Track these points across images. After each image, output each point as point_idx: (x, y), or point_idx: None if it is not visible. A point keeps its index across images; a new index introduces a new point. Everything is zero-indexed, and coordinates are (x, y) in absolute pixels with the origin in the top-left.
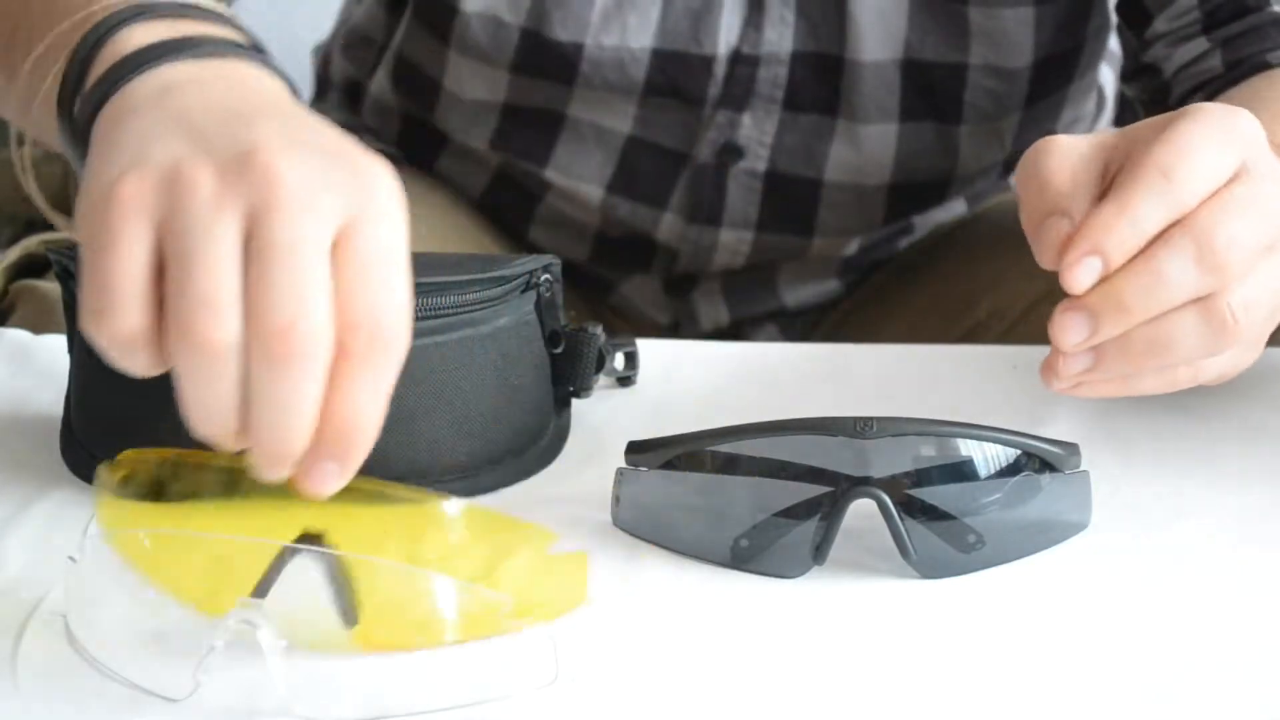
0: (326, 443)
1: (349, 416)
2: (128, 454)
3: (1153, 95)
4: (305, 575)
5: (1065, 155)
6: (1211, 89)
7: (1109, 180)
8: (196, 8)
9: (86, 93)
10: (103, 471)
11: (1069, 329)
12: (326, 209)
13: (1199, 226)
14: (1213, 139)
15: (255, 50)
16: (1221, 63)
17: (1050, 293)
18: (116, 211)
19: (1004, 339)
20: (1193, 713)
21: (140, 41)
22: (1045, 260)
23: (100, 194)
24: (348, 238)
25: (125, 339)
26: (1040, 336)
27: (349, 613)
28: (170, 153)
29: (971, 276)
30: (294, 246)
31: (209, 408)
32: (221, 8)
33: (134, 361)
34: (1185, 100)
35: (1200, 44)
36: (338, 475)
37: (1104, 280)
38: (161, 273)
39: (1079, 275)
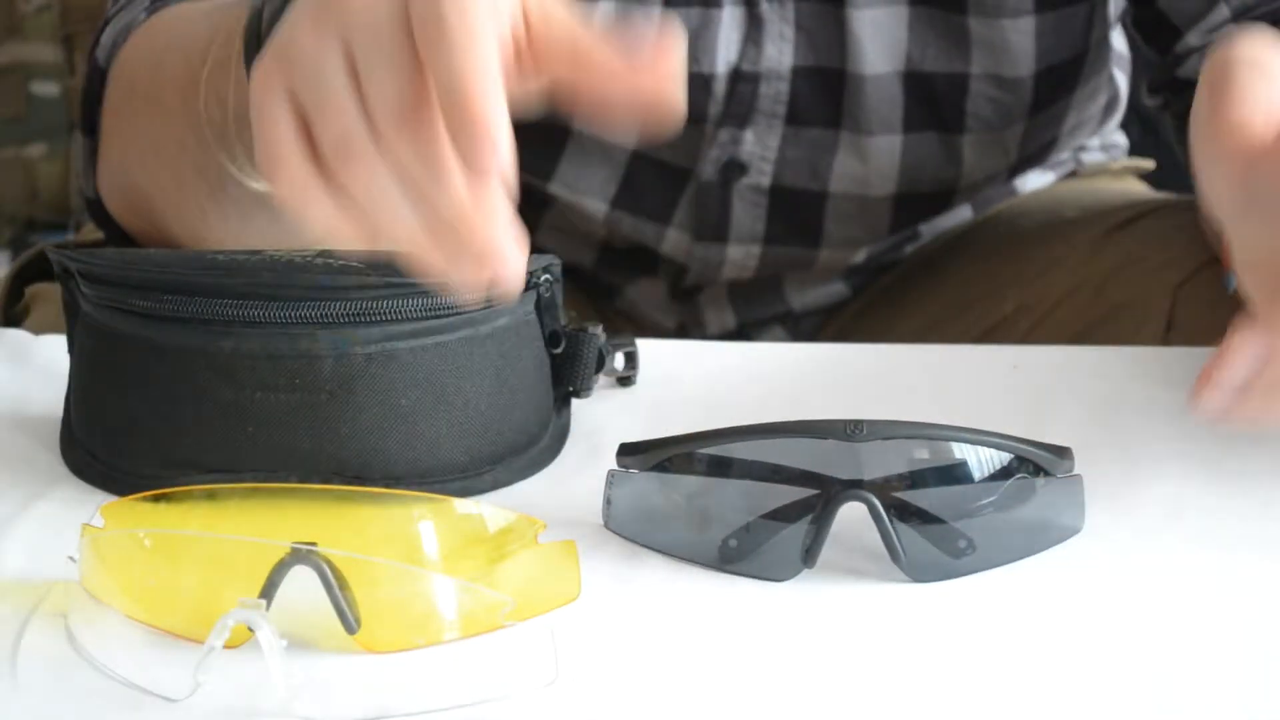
0: (450, 124)
1: (452, 95)
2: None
3: (1187, 109)
4: (305, 580)
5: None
6: None
7: None
8: None
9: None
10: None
11: (1239, 358)
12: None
13: None
14: None
15: None
16: None
17: (1079, 286)
18: (256, 89)
19: (1033, 333)
20: (1188, 717)
21: None
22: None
23: (249, 85)
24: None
25: (299, 186)
26: (1069, 330)
27: (350, 616)
28: (286, 29)
29: (990, 275)
30: (379, 49)
31: (397, 217)
32: None
33: (316, 209)
34: None
35: None
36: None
37: None
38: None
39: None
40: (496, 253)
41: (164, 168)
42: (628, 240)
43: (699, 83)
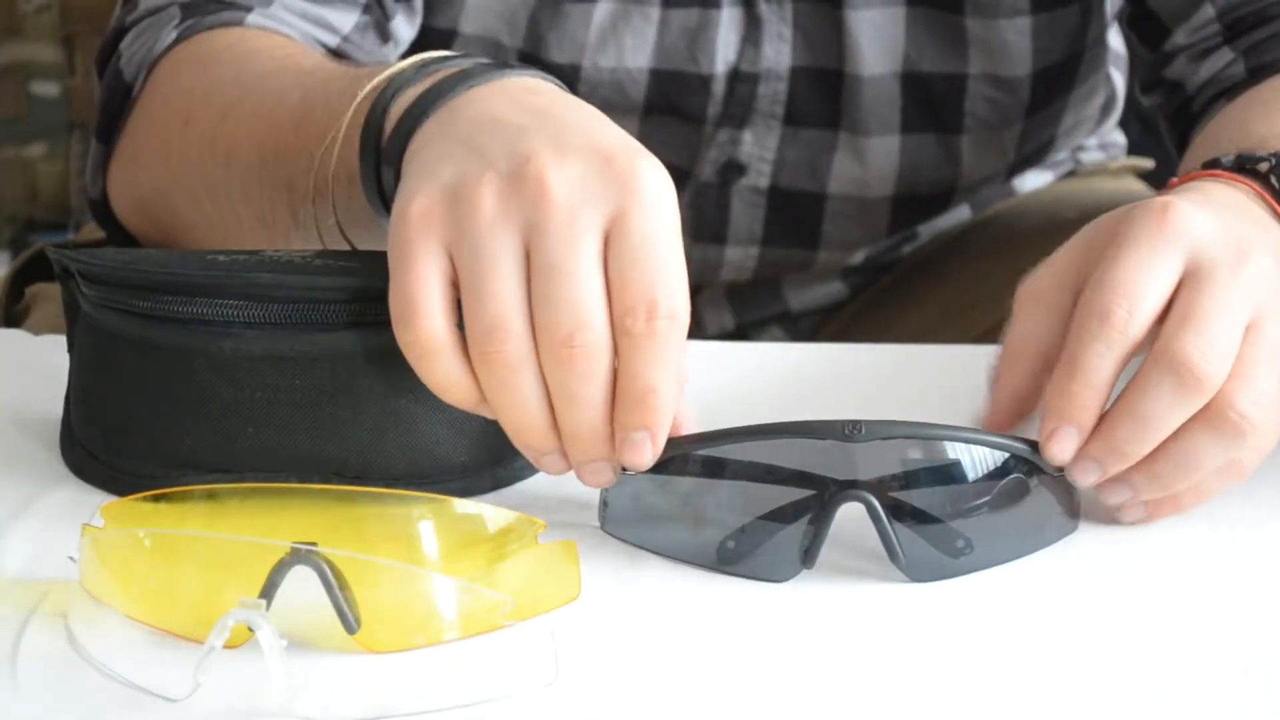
0: (625, 412)
1: (643, 389)
2: (110, 506)
3: (1176, 109)
4: (306, 580)
5: (1029, 314)
6: (1233, 94)
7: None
8: (443, 57)
9: (386, 152)
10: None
11: (1081, 473)
12: (591, 216)
13: (1168, 355)
14: (1144, 260)
15: (505, 65)
16: (1245, 69)
17: None
18: (411, 229)
19: None
20: (1186, 716)
21: (412, 97)
22: (991, 421)
23: (398, 215)
24: (617, 231)
25: (425, 344)
26: None
27: (350, 616)
28: (454, 171)
29: (988, 275)
30: (564, 263)
31: (516, 411)
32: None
33: (435, 368)
34: (1207, 110)
35: (1224, 55)
36: (649, 442)
37: (1098, 427)
38: (457, 284)
39: (1059, 448)
40: (601, 474)
41: (219, 207)
42: None
43: (698, 83)
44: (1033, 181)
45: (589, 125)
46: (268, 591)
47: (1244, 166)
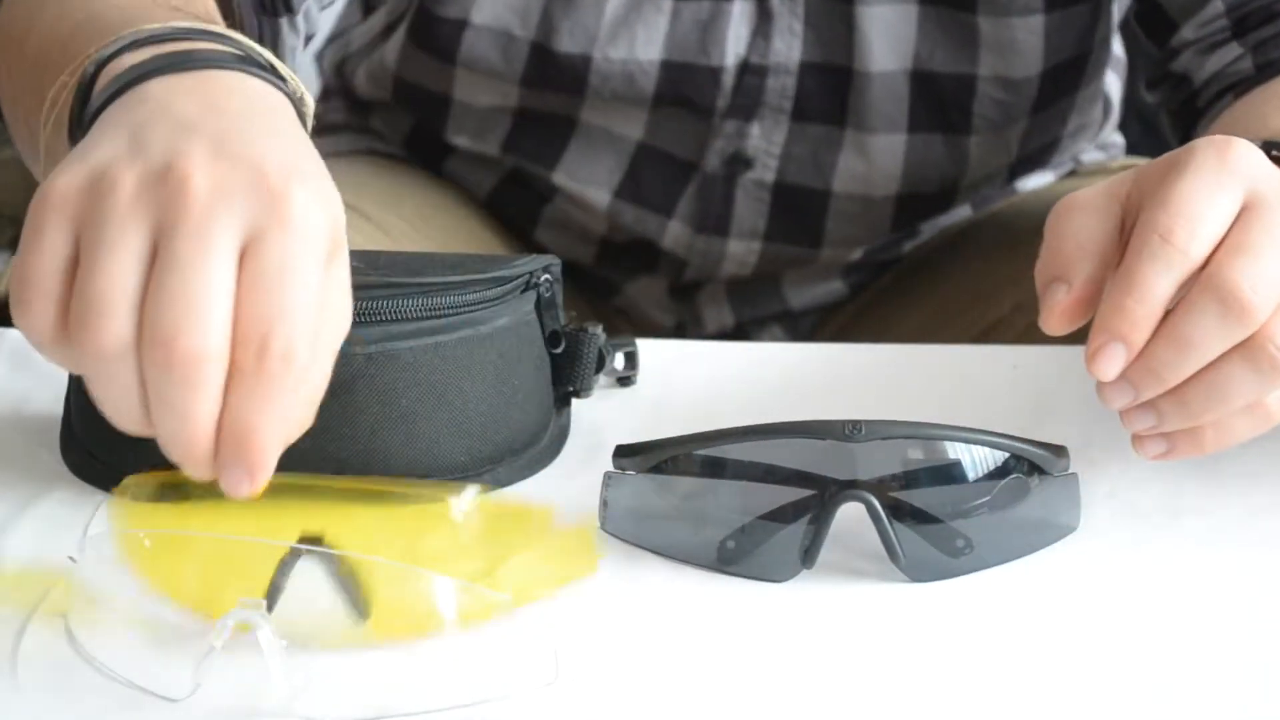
0: (228, 449)
1: (242, 427)
2: (130, 479)
3: (1181, 104)
4: (311, 576)
5: (1074, 218)
6: (1240, 90)
7: (1128, 233)
8: (202, 31)
9: (85, 121)
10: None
11: (1115, 394)
12: (228, 226)
13: (1216, 280)
14: (1206, 186)
15: (251, 61)
16: (1253, 65)
17: None
18: (44, 208)
19: (1031, 332)
20: (1186, 716)
21: (128, 64)
22: (1048, 325)
23: (40, 191)
24: (251, 251)
25: (39, 333)
26: None
27: (359, 609)
28: (107, 155)
29: (988, 274)
30: (188, 261)
31: (114, 404)
32: (225, 29)
33: (53, 356)
34: (1213, 105)
35: (1232, 49)
36: (246, 482)
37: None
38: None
39: (1105, 365)
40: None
41: (14, 84)
42: (628, 234)
43: (707, 75)
44: (1034, 182)
45: (262, 139)
46: (275, 585)
47: (1269, 153)
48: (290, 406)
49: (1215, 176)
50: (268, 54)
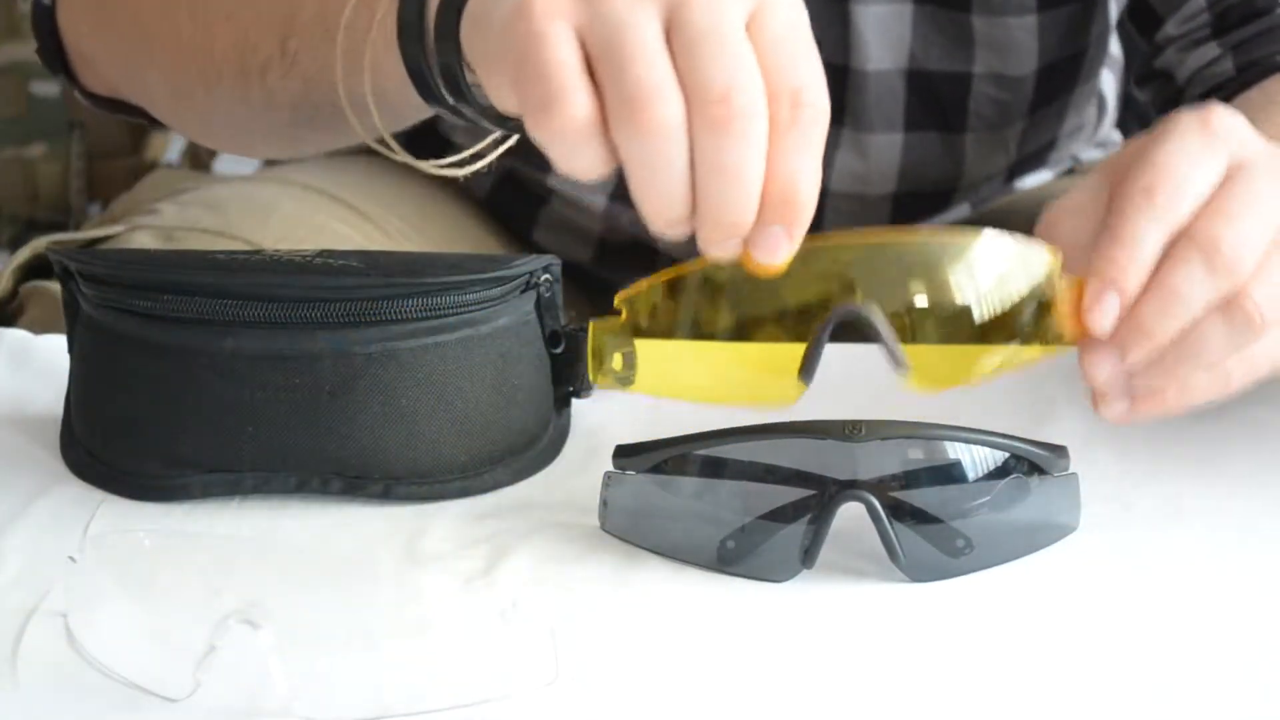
0: (771, 208)
1: (788, 180)
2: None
3: (1166, 101)
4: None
5: (1064, 223)
6: (1225, 93)
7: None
8: None
9: None
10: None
11: (1098, 364)
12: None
13: (1201, 235)
14: (1190, 147)
15: None
16: (1233, 66)
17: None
18: (536, 16)
19: None
20: (1186, 716)
21: None
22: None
23: (514, 8)
24: (758, 20)
25: (576, 128)
26: None
27: (900, 357)
28: None
29: None
30: (716, 27)
31: (661, 191)
32: None
33: (585, 156)
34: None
35: (1211, 49)
36: (785, 241)
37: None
38: (590, 72)
39: (1101, 314)
40: (730, 249)
41: (195, 20)
42: (626, 236)
43: None
44: (1032, 181)
45: None
46: (813, 365)
47: None
48: (818, 157)
49: (1198, 141)
50: None
